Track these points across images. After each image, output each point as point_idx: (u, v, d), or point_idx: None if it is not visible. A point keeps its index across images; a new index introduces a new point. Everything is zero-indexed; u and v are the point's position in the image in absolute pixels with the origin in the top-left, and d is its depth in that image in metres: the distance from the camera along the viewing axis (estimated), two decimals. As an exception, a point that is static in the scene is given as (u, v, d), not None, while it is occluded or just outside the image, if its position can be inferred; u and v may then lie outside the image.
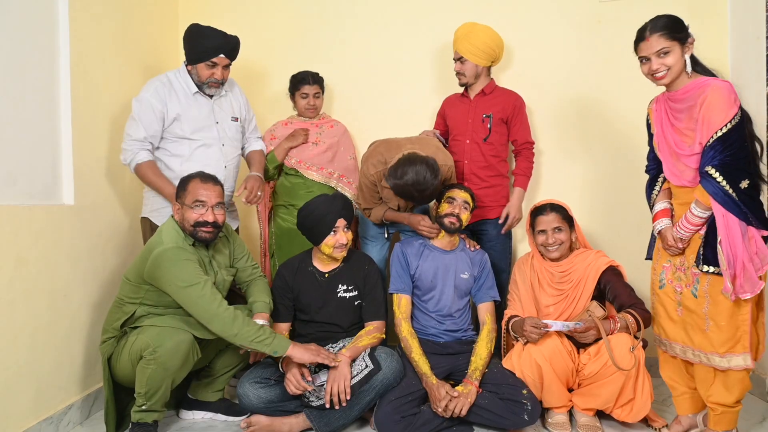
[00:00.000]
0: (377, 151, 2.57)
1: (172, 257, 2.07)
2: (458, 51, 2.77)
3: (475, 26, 2.78)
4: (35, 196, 2.15)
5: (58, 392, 2.22)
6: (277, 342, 2.09)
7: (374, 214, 2.63)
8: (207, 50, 2.45)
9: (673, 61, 1.97)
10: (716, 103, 1.88)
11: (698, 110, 1.92)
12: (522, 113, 2.84)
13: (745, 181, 1.87)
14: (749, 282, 1.87)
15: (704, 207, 1.93)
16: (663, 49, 1.96)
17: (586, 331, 2.13)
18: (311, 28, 3.27)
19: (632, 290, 2.28)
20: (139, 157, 2.43)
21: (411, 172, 2.27)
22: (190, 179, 2.21)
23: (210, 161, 2.52)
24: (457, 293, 2.46)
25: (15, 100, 2.05)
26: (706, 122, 1.89)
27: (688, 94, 1.98)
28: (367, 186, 2.60)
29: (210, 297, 2.05)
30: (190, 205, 2.16)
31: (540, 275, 2.43)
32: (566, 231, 2.37)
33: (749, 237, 1.89)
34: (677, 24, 1.98)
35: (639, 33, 2.03)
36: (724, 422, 2.03)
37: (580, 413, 2.25)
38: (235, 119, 2.67)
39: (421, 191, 2.30)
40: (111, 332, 2.17)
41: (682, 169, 2.02)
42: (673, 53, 1.96)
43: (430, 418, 2.15)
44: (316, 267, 2.45)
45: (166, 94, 2.47)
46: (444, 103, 2.99)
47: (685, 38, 1.97)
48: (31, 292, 2.06)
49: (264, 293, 2.37)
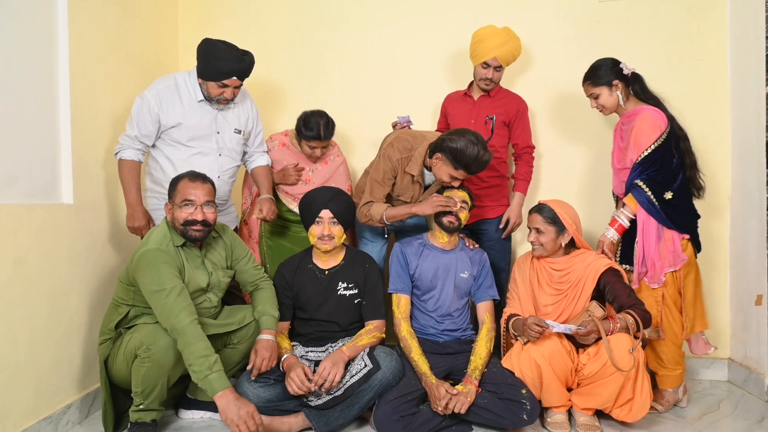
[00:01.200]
0: (402, 138, 2.54)
1: (150, 259, 2.06)
2: (498, 58, 2.68)
3: (511, 33, 2.73)
4: (34, 196, 2.15)
5: (57, 391, 2.22)
6: (212, 378, 1.91)
7: (374, 211, 2.49)
8: (220, 73, 2.41)
9: (603, 101, 2.48)
10: (643, 129, 2.35)
11: (630, 134, 2.39)
12: (525, 117, 2.84)
13: (669, 192, 2.33)
14: (656, 276, 2.38)
15: (630, 211, 2.38)
16: (592, 94, 2.50)
17: (588, 335, 2.13)
18: (309, 28, 3.27)
19: (632, 291, 2.28)
20: (124, 153, 2.45)
21: (471, 135, 2.30)
22: (180, 179, 2.21)
23: (204, 169, 2.47)
24: (456, 293, 2.46)
25: (14, 100, 2.05)
26: (636, 144, 2.37)
27: (628, 119, 2.46)
28: (385, 172, 2.51)
29: (170, 306, 1.99)
30: (179, 204, 2.16)
31: (539, 274, 2.43)
32: (549, 233, 2.34)
33: (665, 239, 2.37)
34: (596, 72, 2.48)
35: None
36: (668, 382, 2.47)
37: (579, 413, 2.25)
38: (238, 132, 2.63)
39: (485, 150, 2.30)
40: (107, 333, 2.17)
41: (618, 183, 2.53)
42: (601, 96, 2.47)
43: (429, 417, 2.15)
44: (316, 264, 2.45)
45: (168, 98, 2.46)
46: (446, 101, 2.97)
47: (609, 82, 2.45)
48: (30, 291, 2.06)
49: (271, 304, 2.34)
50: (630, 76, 2.46)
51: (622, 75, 2.45)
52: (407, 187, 2.56)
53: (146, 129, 2.45)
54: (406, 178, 2.54)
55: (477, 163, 2.31)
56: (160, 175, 2.52)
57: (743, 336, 2.80)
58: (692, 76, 2.95)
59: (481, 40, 2.71)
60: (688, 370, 2.93)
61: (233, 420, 1.87)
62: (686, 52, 2.95)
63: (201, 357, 1.94)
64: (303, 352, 2.37)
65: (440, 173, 2.41)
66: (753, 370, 2.70)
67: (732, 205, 2.90)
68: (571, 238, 2.36)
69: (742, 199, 2.81)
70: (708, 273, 2.94)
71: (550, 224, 2.34)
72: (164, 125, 2.47)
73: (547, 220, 2.35)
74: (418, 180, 2.53)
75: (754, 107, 2.68)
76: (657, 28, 2.97)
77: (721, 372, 2.92)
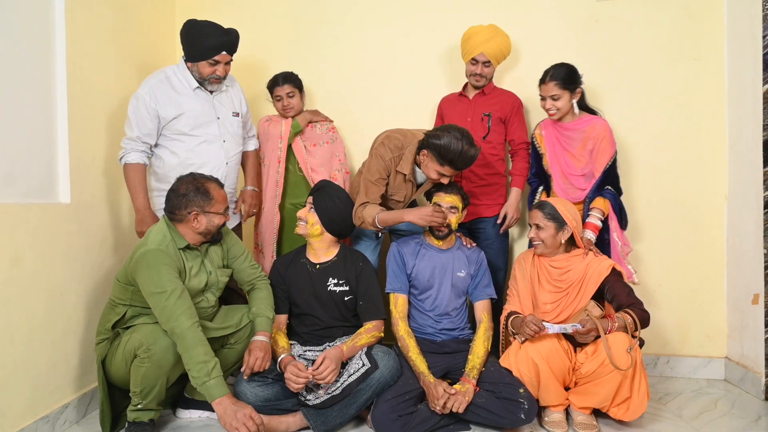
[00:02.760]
0: (392, 136, 2.54)
1: (150, 260, 2.06)
2: (486, 54, 2.74)
3: (498, 29, 2.78)
4: (31, 195, 2.14)
5: (55, 391, 2.21)
6: (210, 385, 1.92)
7: (367, 213, 2.46)
8: (208, 49, 2.43)
9: (562, 105, 2.56)
10: (607, 140, 2.56)
11: (592, 143, 2.56)
12: (520, 113, 2.86)
13: (621, 195, 2.61)
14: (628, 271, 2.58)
15: (602, 213, 2.54)
16: (555, 95, 2.55)
17: (587, 333, 2.14)
18: (307, 26, 3.27)
19: (631, 290, 2.28)
20: (129, 157, 2.44)
21: (455, 131, 2.30)
22: (209, 186, 2.21)
23: (211, 158, 2.52)
24: (454, 291, 2.46)
25: (11, 99, 2.05)
26: (601, 154, 2.55)
27: (580, 126, 2.60)
28: (378, 171, 2.49)
29: (171, 309, 1.99)
30: (220, 212, 2.22)
31: (540, 271, 2.43)
32: (548, 229, 2.35)
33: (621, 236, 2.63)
34: (570, 76, 2.54)
35: (543, 76, 2.57)
36: None
37: (576, 412, 2.26)
38: (236, 114, 2.66)
39: (471, 145, 2.29)
40: (104, 334, 2.17)
41: (567, 187, 2.64)
42: (562, 98, 2.55)
43: (427, 416, 2.15)
44: (309, 258, 2.47)
45: (162, 91, 2.46)
46: (441, 103, 2.99)
47: (574, 88, 2.56)
48: (27, 290, 2.06)
49: (266, 305, 2.34)
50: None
51: (580, 83, 2.59)
52: (400, 186, 2.56)
53: (146, 127, 2.44)
54: (398, 177, 2.54)
55: (462, 159, 2.29)
56: (165, 171, 2.50)
57: (740, 335, 2.81)
58: (689, 76, 2.95)
59: (468, 38, 2.79)
60: (687, 369, 2.95)
61: (232, 425, 1.88)
62: (683, 52, 2.95)
63: (200, 363, 1.94)
64: (301, 351, 2.37)
65: (428, 170, 2.41)
66: (750, 369, 2.70)
67: (729, 204, 2.91)
68: (571, 234, 2.37)
69: (739, 198, 2.81)
70: (705, 272, 2.96)
71: (550, 220, 2.35)
72: (164, 118, 2.46)
73: (547, 216, 2.35)
74: (410, 179, 2.53)
75: (751, 106, 2.68)
76: (654, 28, 2.98)
77: (718, 371, 2.92)
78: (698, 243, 2.96)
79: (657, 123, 2.98)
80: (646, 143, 2.99)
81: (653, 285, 2.99)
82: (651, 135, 2.99)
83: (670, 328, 2.98)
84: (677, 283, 2.98)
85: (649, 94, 3.00)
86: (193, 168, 2.41)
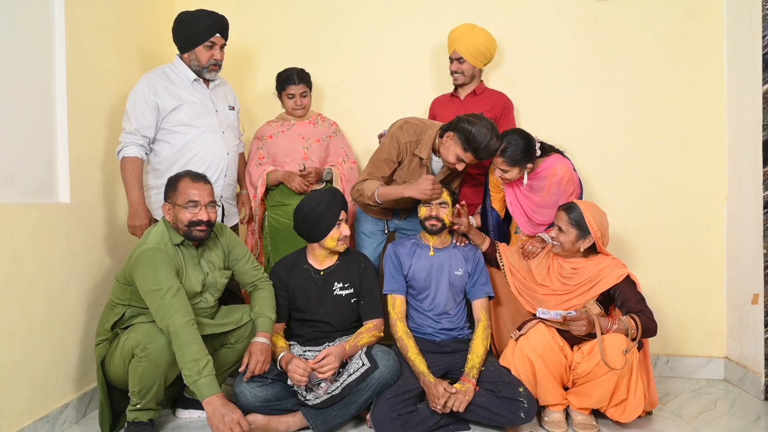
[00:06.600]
0: (412, 122, 2.54)
1: (148, 258, 2.05)
2: (457, 51, 2.79)
3: (473, 27, 2.80)
4: (31, 195, 2.14)
5: (54, 391, 2.21)
6: (201, 384, 1.92)
7: (367, 187, 2.43)
8: (203, 31, 2.47)
9: (511, 177, 2.47)
10: (570, 182, 2.49)
11: (557, 186, 2.48)
12: (510, 113, 2.90)
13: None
14: None
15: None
16: (503, 170, 2.45)
17: (576, 321, 2.12)
18: (306, 24, 3.27)
19: (642, 299, 2.24)
20: (126, 150, 2.44)
21: (487, 122, 2.33)
22: (179, 179, 2.19)
23: (213, 147, 2.54)
24: (451, 291, 2.46)
25: (11, 98, 2.05)
26: (566, 194, 2.50)
27: (542, 174, 2.50)
28: (390, 152, 2.48)
29: (166, 307, 1.99)
30: (183, 205, 2.15)
31: (551, 264, 2.43)
32: (569, 234, 2.31)
33: None
34: (516, 155, 2.40)
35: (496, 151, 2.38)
36: None
37: (576, 412, 2.26)
38: (232, 108, 2.71)
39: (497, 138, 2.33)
40: (103, 334, 2.17)
41: (529, 224, 2.60)
42: (510, 173, 2.45)
43: (427, 416, 2.15)
44: (312, 264, 2.44)
45: (161, 84, 2.48)
46: (433, 104, 3.02)
47: (523, 165, 2.44)
48: (26, 290, 2.06)
49: (268, 306, 2.32)
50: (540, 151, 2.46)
51: (534, 157, 2.45)
52: (414, 171, 2.55)
53: (145, 119, 2.43)
54: (414, 162, 2.53)
55: (486, 149, 2.33)
56: (163, 165, 2.50)
57: (740, 335, 2.81)
58: (689, 76, 2.95)
59: (447, 37, 2.86)
60: (687, 369, 2.95)
61: (218, 427, 1.88)
62: (683, 52, 2.95)
63: (192, 361, 1.93)
64: (300, 351, 2.36)
65: (447, 153, 2.40)
66: (749, 369, 2.70)
67: (728, 204, 2.91)
68: (592, 243, 2.32)
69: (739, 198, 2.81)
70: (704, 272, 2.96)
71: (573, 226, 2.31)
72: (164, 109, 2.46)
73: (571, 221, 2.31)
74: (426, 163, 2.52)
75: (750, 106, 2.68)
76: (654, 28, 2.98)
77: (717, 371, 2.92)
78: (698, 243, 2.96)
79: (657, 123, 2.98)
80: (646, 143, 2.99)
81: (653, 285, 2.99)
82: (651, 135, 2.99)
83: (669, 328, 2.98)
84: (677, 283, 2.98)
85: (648, 93, 3.00)
86: (194, 158, 2.45)
